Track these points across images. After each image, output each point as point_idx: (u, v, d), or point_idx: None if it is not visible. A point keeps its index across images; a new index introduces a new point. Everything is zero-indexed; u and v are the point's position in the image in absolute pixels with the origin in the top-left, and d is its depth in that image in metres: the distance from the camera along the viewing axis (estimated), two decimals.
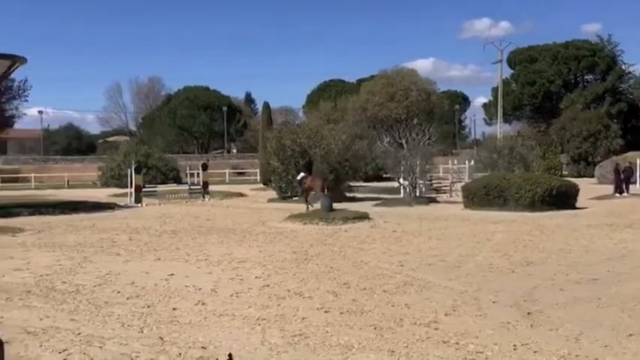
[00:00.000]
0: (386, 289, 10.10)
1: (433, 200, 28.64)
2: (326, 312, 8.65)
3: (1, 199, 29.71)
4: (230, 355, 6.77)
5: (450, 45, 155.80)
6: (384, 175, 37.27)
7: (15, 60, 4.95)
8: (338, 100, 70.43)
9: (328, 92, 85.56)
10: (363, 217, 20.89)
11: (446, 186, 33.58)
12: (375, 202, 27.56)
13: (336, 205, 22.57)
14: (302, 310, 8.79)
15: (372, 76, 69.59)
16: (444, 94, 75.79)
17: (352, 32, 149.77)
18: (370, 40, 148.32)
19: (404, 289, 10.14)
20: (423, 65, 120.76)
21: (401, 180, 30.05)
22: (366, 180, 37.23)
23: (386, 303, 9.15)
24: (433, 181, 33.77)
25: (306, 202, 24.12)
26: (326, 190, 22.50)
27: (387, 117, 51.90)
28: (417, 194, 29.08)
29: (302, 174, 25.61)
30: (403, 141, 30.39)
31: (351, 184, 31.54)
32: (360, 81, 77.45)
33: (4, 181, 51.16)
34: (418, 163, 29.03)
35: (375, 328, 7.79)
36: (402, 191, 30.17)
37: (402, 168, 29.34)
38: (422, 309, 8.75)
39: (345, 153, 29.19)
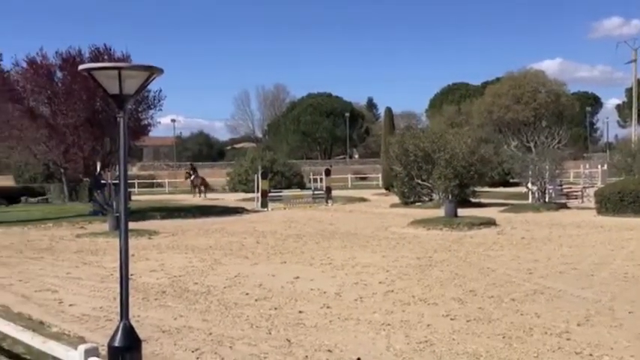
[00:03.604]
0: (514, 297, 9.83)
1: (563, 206, 27.58)
2: (452, 319, 8.52)
3: (138, 203, 31.31)
4: None
5: (578, 45, 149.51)
6: (511, 181, 36.28)
7: (153, 71, 5.21)
8: (462, 103, 69.35)
9: (452, 96, 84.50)
10: (489, 222, 20.44)
11: (577, 191, 32.26)
12: (501, 208, 26.87)
13: (460, 211, 22.22)
14: (427, 316, 8.71)
15: (498, 79, 68.01)
16: (574, 95, 72.93)
17: (475, 34, 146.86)
18: (494, 42, 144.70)
19: (533, 297, 9.82)
20: (549, 66, 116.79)
21: (529, 185, 29.15)
22: (492, 185, 36.35)
23: (514, 311, 8.90)
24: (563, 186, 32.48)
25: (198, 192, 40.87)
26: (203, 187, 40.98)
27: (513, 120, 50.50)
28: (547, 200, 28.11)
29: (192, 175, 42.05)
30: (531, 144, 29.49)
31: (477, 189, 30.89)
32: (485, 84, 75.87)
33: (140, 186, 53.79)
34: (547, 167, 28.06)
35: (503, 337, 7.59)
36: (530, 197, 29.26)
37: (530, 173, 28.47)
38: (553, 318, 8.44)
39: (470, 157, 28.60)
